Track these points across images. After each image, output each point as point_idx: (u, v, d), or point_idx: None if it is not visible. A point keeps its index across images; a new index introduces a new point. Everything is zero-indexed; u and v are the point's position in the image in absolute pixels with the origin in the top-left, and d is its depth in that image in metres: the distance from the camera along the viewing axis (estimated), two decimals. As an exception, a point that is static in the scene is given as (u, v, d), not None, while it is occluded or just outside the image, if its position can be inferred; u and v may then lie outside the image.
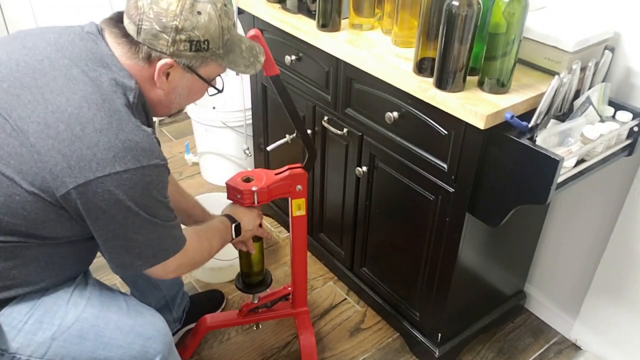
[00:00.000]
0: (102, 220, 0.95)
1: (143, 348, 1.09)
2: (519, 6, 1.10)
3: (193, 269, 1.19)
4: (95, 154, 0.90)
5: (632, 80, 1.33)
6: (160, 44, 0.95)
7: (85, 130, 0.90)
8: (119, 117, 0.93)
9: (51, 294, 1.07)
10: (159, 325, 1.14)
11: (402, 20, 1.36)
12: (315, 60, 1.58)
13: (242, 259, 1.47)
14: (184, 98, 1.07)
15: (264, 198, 1.34)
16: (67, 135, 0.90)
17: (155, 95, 1.03)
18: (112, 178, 0.90)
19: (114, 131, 0.91)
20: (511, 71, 1.18)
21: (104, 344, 1.07)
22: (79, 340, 1.05)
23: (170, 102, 1.06)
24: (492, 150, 1.20)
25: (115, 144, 0.91)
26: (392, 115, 1.37)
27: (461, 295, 1.52)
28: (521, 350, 1.71)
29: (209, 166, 2.45)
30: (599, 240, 1.56)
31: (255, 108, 2.00)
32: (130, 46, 0.97)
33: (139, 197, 0.94)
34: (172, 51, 0.96)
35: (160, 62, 0.96)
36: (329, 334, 1.75)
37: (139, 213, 0.96)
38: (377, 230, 1.64)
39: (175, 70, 0.99)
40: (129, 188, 0.92)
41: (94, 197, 0.91)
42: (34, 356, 1.04)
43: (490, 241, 1.50)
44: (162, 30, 0.94)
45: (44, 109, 0.91)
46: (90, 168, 0.90)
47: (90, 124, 0.91)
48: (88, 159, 0.89)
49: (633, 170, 1.40)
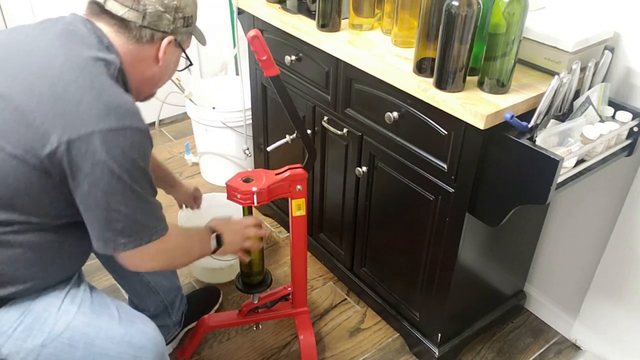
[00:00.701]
0: (85, 185, 0.94)
1: (134, 358, 1.08)
2: (518, 6, 1.10)
3: (169, 265, 1.16)
4: (79, 111, 0.91)
5: (632, 80, 1.33)
6: (163, 24, 1.04)
7: (68, 90, 0.92)
8: (100, 81, 0.96)
9: (42, 300, 1.06)
10: (151, 334, 1.12)
11: (402, 20, 1.36)
12: (315, 61, 1.58)
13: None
14: (169, 73, 1.15)
15: (264, 198, 1.34)
16: (51, 95, 0.92)
17: (150, 72, 1.10)
18: (96, 137, 0.91)
19: (96, 91, 0.94)
20: (511, 71, 1.18)
21: (94, 353, 1.05)
22: (68, 349, 1.04)
23: (160, 78, 1.14)
24: (492, 150, 1.20)
25: (98, 103, 0.93)
26: (392, 115, 1.37)
27: (461, 295, 1.52)
28: (521, 350, 1.71)
29: (209, 166, 2.45)
30: (599, 240, 1.56)
31: (255, 108, 2.00)
32: (130, 32, 1.03)
33: (122, 159, 0.94)
34: (172, 29, 1.06)
35: (165, 39, 1.06)
36: (329, 334, 1.75)
37: (122, 177, 0.94)
38: (377, 230, 1.64)
39: (170, 46, 1.08)
40: (112, 147, 0.92)
41: (77, 157, 0.91)
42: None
43: (490, 241, 1.50)
44: (164, 11, 1.03)
45: (27, 74, 0.94)
46: (74, 126, 0.91)
47: (73, 84, 0.93)
48: (72, 117, 0.91)
49: (633, 170, 1.40)
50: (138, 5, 1.01)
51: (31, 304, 1.05)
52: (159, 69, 1.10)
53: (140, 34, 1.03)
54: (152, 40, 1.05)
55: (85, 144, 0.91)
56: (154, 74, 1.11)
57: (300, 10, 1.62)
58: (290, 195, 1.39)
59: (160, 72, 1.12)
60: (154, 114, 2.74)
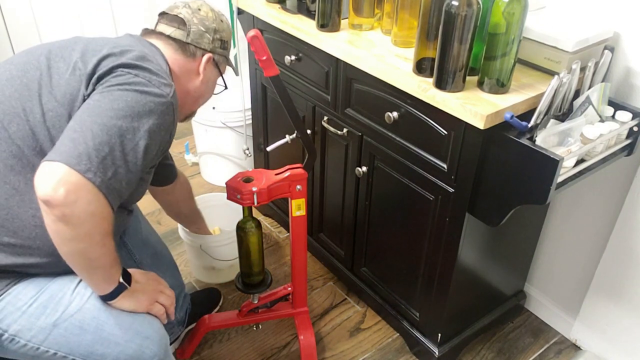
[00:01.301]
0: (93, 94, 1.03)
1: (140, 347, 1.09)
2: (518, 6, 1.10)
3: (73, 232, 0.93)
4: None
5: (632, 80, 1.33)
6: (204, 42, 1.23)
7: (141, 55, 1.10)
8: (161, 67, 1.12)
9: (58, 281, 1.08)
10: (157, 326, 1.14)
11: (402, 20, 1.36)
12: (315, 61, 1.58)
13: (242, 258, 1.47)
14: (208, 91, 1.32)
15: (264, 198, 1.34)
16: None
17: (192, 85, 1.25)
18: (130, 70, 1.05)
19: (158, 67, 1.10)
20: (511, 71, 1.18)
21: (102, 338, 1.07)
22: (79, 331, 1.06)
23: (201, 92, 1.28)
24: (492, 150, 1.20)
25: (154, 70, 1.08)
26: (392, 115, 1.37)
27: (461, 295, 1.52)
28: (521, 350, 1.71)
29: (209, 166, 2.45)
30: (599, 240, 1.56)
31: (255, 108, 2.00)
32: (178, 46, 1.21)
33: (135, 97, 1.01)
34: (212, 48, 1.25)
35: (205, 55, 1.24)
36: (329, 334, 1.75)
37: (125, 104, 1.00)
38: (377, 230, 1.64)
39: (209, 64, 1.26)
40: (136, 82, 1.03)
41: (113, 75, 1.04)
42: (32, 342, 1.05)
43: (490, 241, 1.50)
44: (205, 31, 1.23)
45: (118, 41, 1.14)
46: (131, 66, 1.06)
47: (149, 58, 1.11)
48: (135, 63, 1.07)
49: (633, 170, 1.40)
50: (184, 25, 1.21)
51: (48, 283, 1.08)
52: (200, 83, 1.26)
53: (185, 49, 1.21)
54: (194, 55, 1.23)
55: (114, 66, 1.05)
56: (195, 87, 1.26)
57: (300, 10, 1.62)
58: (290, 195, 1.39)
59: (200, 87, 1.27)
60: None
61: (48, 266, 1.07)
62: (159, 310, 1.15)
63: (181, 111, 1.25)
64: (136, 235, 1.45)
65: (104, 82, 1.03)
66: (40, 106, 1.04)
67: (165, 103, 1.05)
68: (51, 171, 0.91)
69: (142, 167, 1.02)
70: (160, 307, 1.15)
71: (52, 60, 1.09)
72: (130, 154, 0.99)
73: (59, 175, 0.90)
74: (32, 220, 1.03)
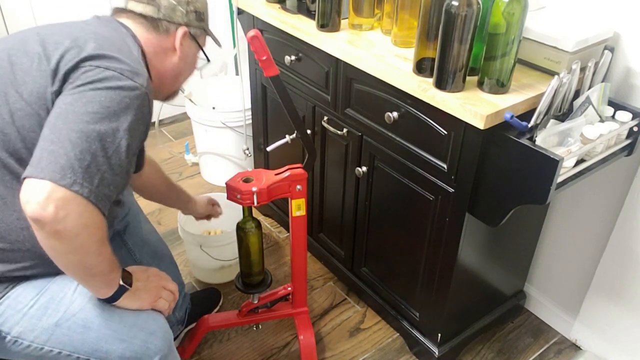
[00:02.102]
0: (63, 96, 0.96)
1: (144, 343, 1.09)
2: (518, 6, 1.10)
3: (68, 246, 0.92)
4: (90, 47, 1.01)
5: (632, 80, 1.33)
6: (177, 16, 1.15)
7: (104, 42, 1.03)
8: (130, 51, 1.06)
9: (58, 281, 1.08)
10: (160, 321, 1.14)
11: (402, 20, 1.36)
12: (315, 61, 1.58)
13: (242, 259, 1.47)
14: (188, 67, 1.23)
15: (264, 198, 1.34)
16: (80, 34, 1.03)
17: (170, 63, 1.18)
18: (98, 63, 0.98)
19: (126, 53, 1.04)
20: (511, 71, 1.18)
21: (106, 335, 1.07)
22: (82, 330, 1.06)
23: (180, 69, 1.21)
24: (492, 150, 1.20)
25: (121, 57, 1.01)
26: (392, 115, 1.37)
27: (461, 295, 1.52)
28: (521, 350, 1.71)
29: (209, 166, 2.45)
30: (599, 240, 1.56)
31: (255, 108, 2.00)
32: (150, 23, 1.14)
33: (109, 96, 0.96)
34: (186, 21, 1.17)
35: (180, 30, 1.16)
36: (329, 334, 1.75)
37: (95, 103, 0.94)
38: (377, 230, 1.64)
39: (186, 39, 1.18)
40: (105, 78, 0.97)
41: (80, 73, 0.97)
42: (36, 342, 1.04)
43: (490, 241, 1.50)
44: (177, 4, 1.15)
45: (75, 32, 1.05)
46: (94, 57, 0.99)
47: (111, 44, 1.04)
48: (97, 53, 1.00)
49: (633, 170, 1.40)
50: (153, 0, 1.13)
51: (47, 284, 1.07)
52: (177, 60, 1.18)
53: (157, 25, 1.14)
54: (168, 31, 1.15)
55: (86, 67, 0.98)
56: (173, 65, 1.18)
57: (300, 10, 1.62)
58: (290, 195, 1.39)
59: (179, 65, 1.19)
60: (153, 114, 2.74)
61: (42, 267, 1.06)
62: (162, 305, 1.15)
63: (161, 91, 1.22)
64: (136, 234, 1.45)
65: (73, 80, 0.97)
66: (7, 106, 0.99)
67: (140, 95, 1.00)
68: (37, 189, 0.88)
69: (127, 165, 0.99)
70: (164, 302, 1.15)
71: (14, 57, 1.02)
72: (114, 157, 0.95)
73: (45, 193, 0.87)
74: (18, 223, 1.01)
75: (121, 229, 1.43)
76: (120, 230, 1.43)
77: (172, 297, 1.17)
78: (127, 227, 1.42)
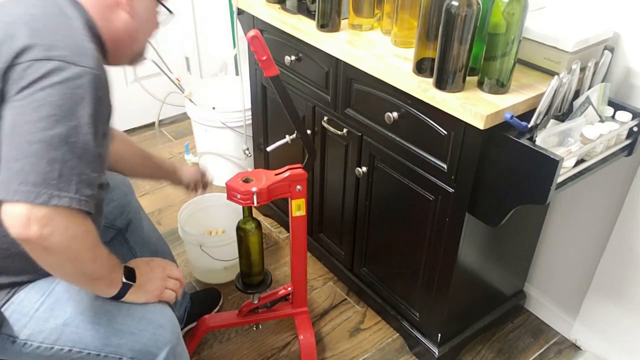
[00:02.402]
0: (10, 105, 0.87)
1: (154, 336, 1.09)
2: (518, 6, 1.10)
3: (60, 259, 0.91)
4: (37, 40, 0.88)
5: (632, 80, 1.33)
6: None
7: (37, 25, 0.91)
8: (70, 25, 0.93)
9: (62, 282, 1.07)
10: (168, 314, 1.13)
11: (402, 20, 1.36)
12: (315, 61, 1.58)
13: (242, 259, 1.47)
14: (146, 23, 1.07)
15: (264, 199, 1.34)
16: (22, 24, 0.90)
17: (121, 24, 1.02)
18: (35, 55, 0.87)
19: (65, 30, 0.92)
20: (511, 71, 1.18)
21: (116, 330, 1.06)
22: (91, 327, 1.05)
23: (135, 28, 1.05)
24: (492, 150, 1.20)
25: (60, 38, 0.90)
26: (392, 115, 1.37)
27: (461, 296, 1.52)
28: (521, 351, 1.71)
29: (209, 166, 2.44)
30: (599, 240, 1.56)
31: (255, 108, 2.00)
32: None
33: (58, 92, 0.86)
34: None
35: None
36: (329, 334, 1.75)
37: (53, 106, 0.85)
38: (377, 230, 1.64)
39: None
40: (49, 71, 0.86)
41: (20, 71, 0.87)
42: (46, 343, 1.04)
43: (490, 241, 1.50)
44: None
45: (4, 19, 0.93)
46: (30, 48, 0.87)
47: (45, 25, 0.91)
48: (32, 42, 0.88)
49: (633, 170, 1.40)
50: None
51: (51, 285, 1.06)
52: (128, 18, 1.03)
53: None
54: None
55: (27, 62, 0.86)
56: (124, 23, 1.03)
57: (300, 10, 1.62)
58: (290, 195, 1.39)
59: (132, 22, 1.03)
60: (153, 114, 2.75)
61: (38, 272, 1.02)
62: (169, 296, 1.13)
63: (120, 56, 1.07)
64: (138, 233, 1.45)
65: (13, 81, 0.87)
66: None
67: (93, 79, 0.89)
68: (15, 213, 0.84)
69: (100, 152, 0.92)
70: (171, 292, 1.14)
71: None
72: (84, 153, 0.87)
73: (24, 216, 0.83)
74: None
75: (123, 227, 1.43)
76: (122, 228, 1.43)
77: (178, 285, 1.16)
78: (129, 225, 1.42)
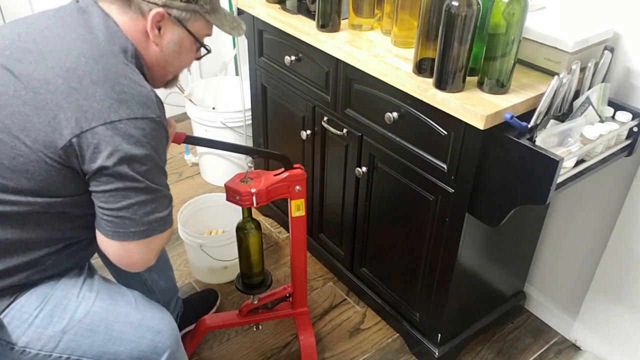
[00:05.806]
0: (98, 178, 0.94)
1: (152, 342, 1.10)
2: (518, 6, 1.10)
3: (153, 259, 1.06)
4: (92, 104, 0.91)
5: (632, 81, 1.33)
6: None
7: (82, 83, 0.92)
8: (116, 71, 0.95)
9: (61, 288, 1.07)
10: (167, 319, 1.14)
11: (402, 20, 1.36)
12: (315, 61, 1.58)
13: (242, 259, 1.47)
14: (177, 56, 1.08)
15: (263, 199, 1.34)
16: (65, 89, 0.92)
17: (153, 52, 1.05)
18: (107, 127, 0.91)
19: (110, 83, 0.93)
20: (511, 71, 1.18)
21: (114, 337, 1.07)
22: (89, 334, 1.06)
23: (165, 60, 1.07)
24: (492, 150, 1.20)
25: (110, 95, 0.93)
26: (392, 115, 1.37)
27: (461, 296, 1.52)
28: (521, 351, 1.71)
29: (209, 167, 2.45)
30: (599, 241, 1.56)
31: (255, 108, 2.00)
32: (123, 2, 1.00)
33: (135, 150, 0.93)
34: (164, 1, 1.00)
35: (152, 11, 1.00)
36: (329, 335, 1.75)
37: (134, 169, 0.94)
38: (377, 230, 1.64)
39: (166, 23, 1.03)
40: (122, 138, 0.92)
41: (88, 149, 0.92)
42: (44, 350, 1.04)
43: (490, 241, 1.50)
44: None
45: (44, 67, 0.94)
46: (86, 119, 0.91)
47: (87, 77, 0.93)
48: (85, 109, 0.91)
49: (633, 170, 1.40)
50: None
51: (50, 292, 1.06)
52: (158, 48, 1.04)
53: (138, 8, 1.00)
54: (141, 12, 1.00)
55: (97, 136, 0.91)
56: (156, 55, 1.05)
57: (300, 10, 1.61)
58: (289, 195, 1.39)
59: (162, 55, 1.06)
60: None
61: (39, 274, 1.05)
62: None
63: (155, 82, 1.11)
64: None
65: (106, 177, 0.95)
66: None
67: (157, 126, 0.97)
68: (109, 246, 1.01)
69: (165, 184, 1.05)
70: None
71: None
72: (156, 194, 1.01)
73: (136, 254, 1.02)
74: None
75: None
76: None
77: None
78: None
